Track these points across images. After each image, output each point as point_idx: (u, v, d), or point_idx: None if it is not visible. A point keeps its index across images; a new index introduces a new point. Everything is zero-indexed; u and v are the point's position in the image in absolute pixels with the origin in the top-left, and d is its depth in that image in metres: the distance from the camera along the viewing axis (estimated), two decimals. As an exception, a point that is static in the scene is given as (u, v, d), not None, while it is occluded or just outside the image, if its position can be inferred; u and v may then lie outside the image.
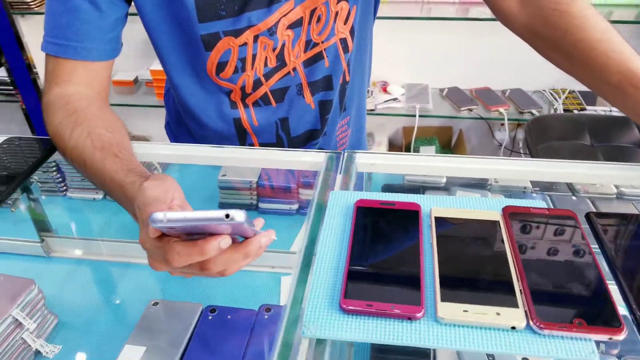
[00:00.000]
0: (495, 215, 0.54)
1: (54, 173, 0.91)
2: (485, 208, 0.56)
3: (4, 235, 0.80)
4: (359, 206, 0.56)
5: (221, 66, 0.75)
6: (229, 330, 0.64)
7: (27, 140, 0.74)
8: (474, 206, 0.57)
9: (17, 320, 0.63)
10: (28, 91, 2.23)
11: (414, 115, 1.86)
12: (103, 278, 0.81)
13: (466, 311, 0.43)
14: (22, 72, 2.16)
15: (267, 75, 0.77)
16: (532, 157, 1.49)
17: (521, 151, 2.00)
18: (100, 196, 0.93)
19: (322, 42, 0.77)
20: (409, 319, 0.44)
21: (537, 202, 0.57)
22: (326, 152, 0.69)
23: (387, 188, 0.88)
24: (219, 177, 0.90)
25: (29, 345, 0.65)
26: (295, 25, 0.74)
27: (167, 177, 0.50)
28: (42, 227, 0.83)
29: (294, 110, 0.81)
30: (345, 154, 0.68)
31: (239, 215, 0.37)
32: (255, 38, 0.73)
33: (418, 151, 2.10)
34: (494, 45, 1.93)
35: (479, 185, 0.93)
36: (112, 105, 0.71)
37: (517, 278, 0.46)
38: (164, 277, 0.79)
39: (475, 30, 1.88)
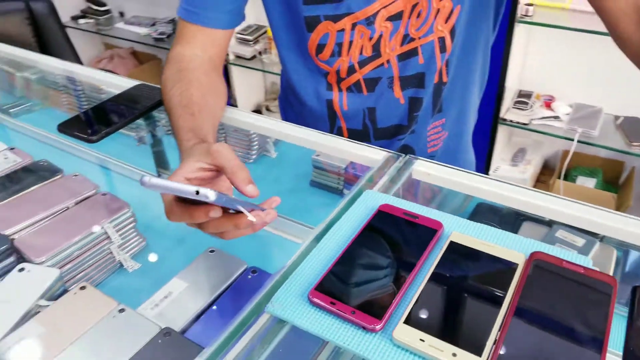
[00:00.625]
0: (518, 258, 0.50)
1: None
2: (517, 247, 0.52)
3: (129, 163, 0.96)
4: (380, 210, 0.56)
5: (320, 48, 0.79)
6: (256, 290, 0.69)
7: (151, 88, 0.88)
8: (504, 242, 0.53)
9: (107, 233, 0.77)
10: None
11: (572, 140, 1.67)
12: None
13: (422, 340, 0.42)
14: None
15: (361, 64, 0.79)
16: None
17: None
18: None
19: (419, 38, 0.76)
20: (364, 328, 0.44)
21: (582, 259, 0.51)
22: (388, 152, 0.69)
23: (480, 208, 0.84)
24: (313, 156, 0.95)
25: (114, 257, 0.79)
26: (395, 18, 0.74)
27: (209, 151, 0.53)
28: (161, 164, 0.97)
29: (383, 102, 0.82)
30: (406, 158, 0.67)
31: (209, 194, 0.41)
32: (353, 25, 0.75)
33: (575, 180, 1.88)
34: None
35: (590, 232, 0.83)
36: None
37: (499, 329, 0.43)
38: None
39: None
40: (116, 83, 0.97)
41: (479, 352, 0.41)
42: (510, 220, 0.81)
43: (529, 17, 1.67)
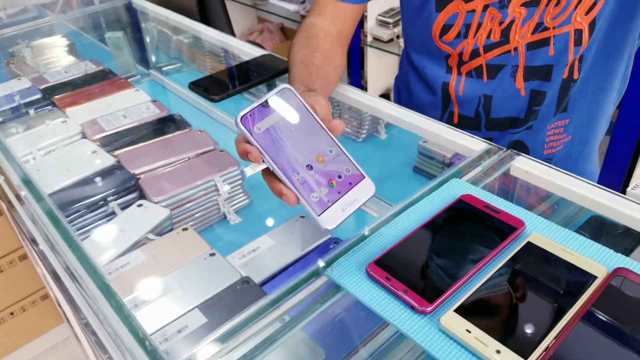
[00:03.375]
0: (599, 270, 0.46)
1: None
2: (602, 260, 0.48)
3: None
4: (461, 199, 0.55)
5: (445, 29, 0.78)
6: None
7: (275, 58, 0.94)
8: (590, 254, 0.49)
9: (216, 186, 0.85)
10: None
11: None
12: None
13: (469, 331, 0.41)
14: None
15: (487, 48, 0.76)
16: None
17: None
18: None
19: (554, 28, 0.71)
20: (413, 308, 0.44)
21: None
22: (489, 144, 0.66)
23: (591, 221, 0.77)
24: (420, 142, 0.94)
25: (219, 208, 0.87)
26: (531, 4, 0.70)
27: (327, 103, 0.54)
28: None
29: (501, 91, 0.78)
30: (507, 152, 0.64)
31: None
32: (485, 7, 0.73)
33: None
34: None
35: None
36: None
37: (554, 337, 0.40)
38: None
39: None
40: (254, 54, 1.05)
41: (525, 355, 0.39)
42: (623, 240, 0.73)
43: None
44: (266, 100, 0.49)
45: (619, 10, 0.69)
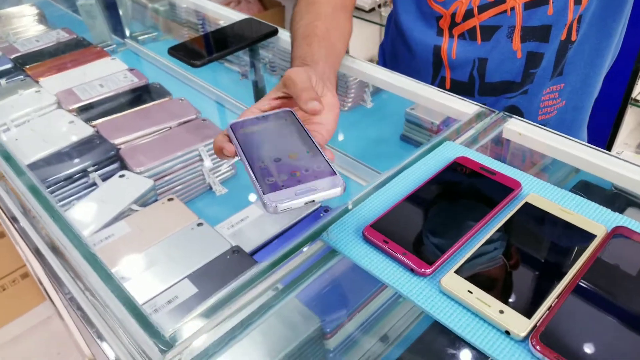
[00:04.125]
0: (598, 229, 0.45)
1: (284, 60, 1.07)
2: (600, 220, 0.47)
3: (229, 94, 1.01)
4: (456, 161, 0.53)
5: None
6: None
7: (258, 22, 0.90)
8: (588, 213, 0.48)
9: (200, 155, 0.83)
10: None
11: None
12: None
13: (470, 292, 0.40)
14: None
15: (482, 8, 0.74)
16: None
17: None
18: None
19: None
20: (413, 271, 0.43)
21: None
22: (480, 107, 0.65)
23: (580, 184, 0.77)
24: (407, 109, 0.93)
25: (204, 179, 0.84)
26: None
27: (306, 73, 0.52)
28: (260, 99, 1.01)
29: (497, 53, 0.76)
30: (499, 115, 0.63)
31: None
32: None
33: None
34: None
35: None
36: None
37: (556, 296, 0.40)
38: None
39: None
40: (233, 18, 1.01)
41: (528, 314, 0.39)
42: (613, 203, 0.74)
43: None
44: (263, 116, 0.49)
45: None
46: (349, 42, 0.77)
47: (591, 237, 0.45)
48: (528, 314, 0.39)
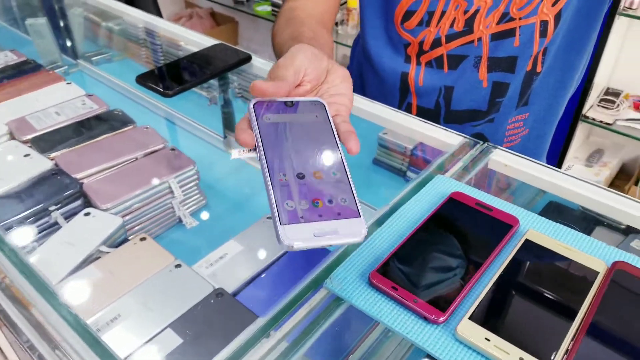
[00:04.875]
0: (599, 265, 0.45)
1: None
2: (596, 254, 0.48)
3: (198, 121, 0.97)
4: (451, 197, 0.53)
5: (408, 15, 0.75)
6: (310, 262, 0.68)
7: (229, 48, 0.87)
8: (583, 247, 0.48)
9: (170, 188, 0.78)
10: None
11: (659, 146, 1.54)
12: (255, 185, 0.92)
13: (488, 340, 0.39)
14: None
15: (449, 38, 0.74)
16: None
17: None
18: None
19: (520, 19, 0.70)
20: (427, 319, 0.41)
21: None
22: (464, 137, 0.65)
23: (553, 207, 0.79)
24: (380, 133, 0.92)
25: (174, 212, 0.80)
26: None
27: (298, 57, 0.48)
28: (229, 125, 0.97)
29: (463, 82, 0.77)
30: (483, 145, 0.63)
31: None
32: None
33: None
34: None
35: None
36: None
37: (571, 338, 0.39)
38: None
39: None
40: (196, 40, 0.98)
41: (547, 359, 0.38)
42: (582, 223, 0.76)
43: (633, 9, 1.53)
44: (291, 101, 0.44)
45: (584, 4, 0.70)
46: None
47: (594, 273, 0.45)
48: (547, 359, 0.38)
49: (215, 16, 2.88)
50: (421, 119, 0.70)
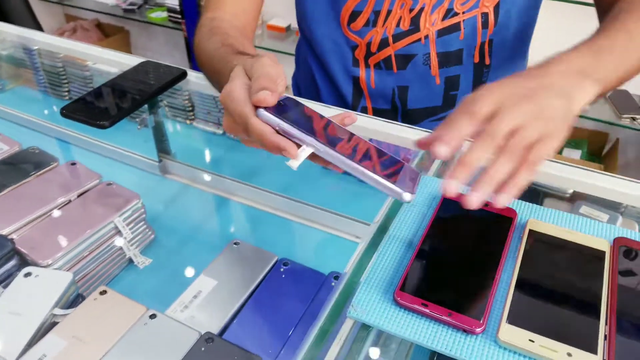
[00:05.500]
0: (603, 245, 0.46)
1: (186, 101, 0.97)
2: (594, 233, 0.49)
3: (128, 148, 0.88)
4: (445, 198, 0.51)
5: (354, 16, 0.73)
6: (296, 287, 0.64)
7: (159, 66, 0.80)
8: (581, 228, 0.49)
9: (117, 227, 0.70)
10: (193, 22, 2.40)
11: (562, 113, 1.67)
12: (204, 208, 0.86)
13: (532, 341, 0.38)
14: (191, 3, 2.31)
15: (396, 37, 0.73)
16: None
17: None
18: (220, 131, 0.98)
19: (463, 13, 0.71)
20: (465, 331, 0.40)
21: (665, 242, 0.48)
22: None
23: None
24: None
25: (124, 253, 0.72)
26: None
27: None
28: (163, 148, 0.89)
29: (416, 81, 0.77)
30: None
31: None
32: None
33: (561, 153, 1.90)
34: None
35: (611, 205, 0.82)
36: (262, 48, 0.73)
37: (606, 321, 0.40)
38: (252, 220, 0.82)
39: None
40: (106, 58, 0.89)
41: (594, 350, 0.38)
42: (532, 196, 0.79)
43: None
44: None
45: None
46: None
47: (601, 254, 0.46)
48: (593, 350, 0.38)
49: (103, 27, 2.68)
50: (388, 120, 0.68)
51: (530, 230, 0.48)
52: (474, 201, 0.36)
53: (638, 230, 0.72)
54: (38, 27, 1.89)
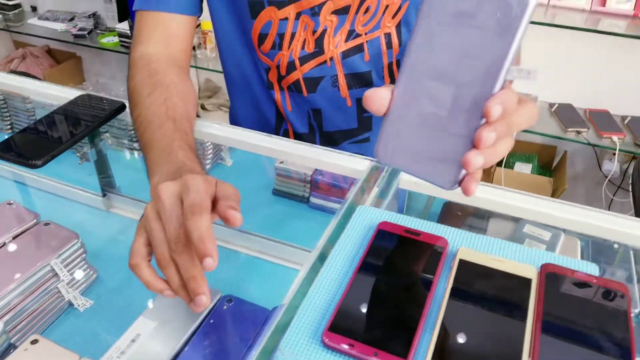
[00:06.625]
0: (530, 272, 0.47)
1: (131, 132, 0.96)
2: (523, 259, 0.50)
3: (70, 183, 0.85)
4: (380, 229, 0.52)
5: (262, 38, 0.74)
6: (240, 325, 0.63)
7: (98, 99, 0.78)
8: (511, 255, 0.50)
9: (54, 270, 0.68)
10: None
11: (512, 129, 1.72)
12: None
13: (456, 376, 0.38)
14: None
15: (302, 60, 0.74)
16: (634, 198, 1.32)
17: (630, 189, 1.78)
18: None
19: (366, 34, 0.72)
20: (390, 370, 0.39)
21: (589, 266, 0.49)
22: (371, 161, 0.65)
23: (447, 208, 0.82)
24: (276, 163, 0.89)
25: (63, 296, 0.69)
26: (341, 12, 0.70)
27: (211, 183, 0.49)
28: (107, 182, 0.87)
29: (328, 103, 0.77)
30: (390, 168, 0.63)
31: None
32: (298, 15, 0.70)
33: (513, 167, 1.95)
34: (623, 64, 1.73)
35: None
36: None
37: (530, 353, 0.40)
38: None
39: (604, 44, 1.68)
40: (45, 92, 0.86)
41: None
42: (478, 218, 0.80)
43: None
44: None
45: None
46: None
47: (528, 282, 0.46)
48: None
49: (53, 53, 2.62)
50: (322, 147, 0.69)
51: (460, 260, 0.48)
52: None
53: (580, 247, 0.75)
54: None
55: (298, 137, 0.81)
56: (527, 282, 0.46)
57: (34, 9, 2.57)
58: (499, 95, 0.34)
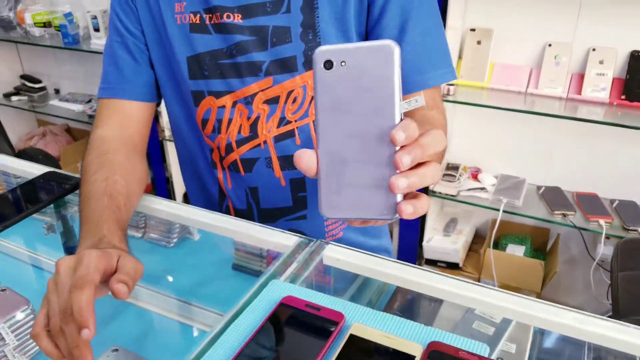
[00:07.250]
0: (416, 349, 0.49)
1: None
2: (415, 337, 0.51)
3: (35, 251, 0.90)
4: (282, 303, 0.54)
5: (204, 123, 0.81)
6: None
7: (60, 176, 0.85)
8: (403, 333, 0.52)
9: (0, 334, 0.71)
10: (153, 125, 2.53)
11: (498, 210, 1.73)
12: (102, 313, 0.87)
13: None
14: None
15: (239, 143, 0.80)
16: (611, 282, 1.29)
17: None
18: (139, 234, 1.02)
19: (296, 121, 0.78)
20: None
21: (479, 347, 0.51)
22: (299, 237, 0.68)
23: (400, 289, 0.83)
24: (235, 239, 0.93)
25: (9, 360, 0.72)
26: (272, 101, 0.77)
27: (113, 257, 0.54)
28: (71, 253, 0.92)
29: (263, 183, 0.83)
30: (317, 243, 0.67)
31: None
32: (234, 104, 0.77)
33: (505, 248, 1.94)
34: (607, 150, 1.76)
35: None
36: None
37: None
38: (147, 326, 0.83)
39: (583, 131, 1.73)
40: (14, 167, 0.94)
41: None
42: (430, 298, 0.81)
43: (451, 96, 1.77)
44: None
45: None
46: (172, 165, 0.76)
47: (411, 358, 0.48)
48: None
49: (72, 131, 2.81)
50: (262, 225, 0.73)
51: (350, 335, 0.50)
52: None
53: (532, 334, 0.75)
54: (3, 134, 2.00)
55: (238, 213, 0.86)
56: (410, 358, 0.48)
57: (57, 91, 2.78)
58: (399, 125, 0.40)
